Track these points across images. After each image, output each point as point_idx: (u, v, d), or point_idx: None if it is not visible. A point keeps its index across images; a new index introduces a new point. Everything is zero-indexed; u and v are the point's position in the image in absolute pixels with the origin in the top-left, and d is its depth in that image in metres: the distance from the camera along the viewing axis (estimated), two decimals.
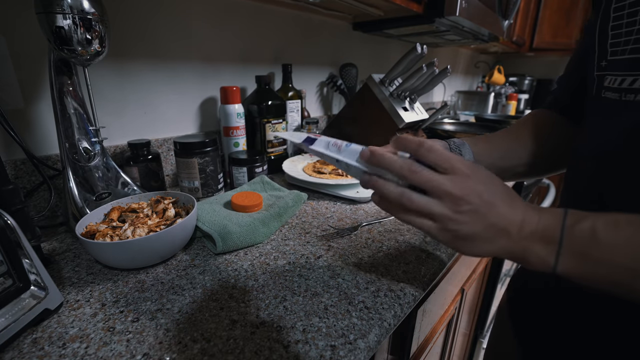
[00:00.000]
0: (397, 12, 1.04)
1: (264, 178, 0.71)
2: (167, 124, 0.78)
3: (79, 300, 0.39)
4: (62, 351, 0.31)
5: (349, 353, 0.32)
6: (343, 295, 0.39)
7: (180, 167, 0.66)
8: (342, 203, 0.68)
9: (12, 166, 0.56)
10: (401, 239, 0.53)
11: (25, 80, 0.55)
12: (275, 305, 0.38)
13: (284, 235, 0.54)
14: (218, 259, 0.47)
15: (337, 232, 0.55)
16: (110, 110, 0.68)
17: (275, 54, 0.99)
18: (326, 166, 0.77)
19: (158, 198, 0.52)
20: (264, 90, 0.83)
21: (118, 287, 0.41)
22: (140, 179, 0.65)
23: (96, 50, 0.49)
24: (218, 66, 0.85)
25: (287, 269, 0.45)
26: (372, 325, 0.35)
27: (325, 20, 1.12)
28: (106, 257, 0.42)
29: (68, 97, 0.52)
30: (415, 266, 0.46)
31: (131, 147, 0.64)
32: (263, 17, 0.92)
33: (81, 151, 0.54)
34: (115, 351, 0.31)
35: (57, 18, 0.44)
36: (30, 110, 0.57)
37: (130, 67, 0.69)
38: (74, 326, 0.35)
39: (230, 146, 0.80)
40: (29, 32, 0.55)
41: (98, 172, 0.56)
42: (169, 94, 0.76)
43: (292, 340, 0.33)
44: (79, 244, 0.51)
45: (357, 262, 0.46)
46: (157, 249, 0.43)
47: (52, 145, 0.60)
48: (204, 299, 0.39)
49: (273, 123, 0.83)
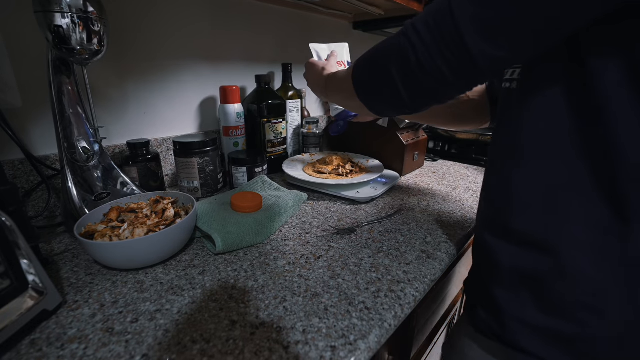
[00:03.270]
0: (398, 11, 1.04)
1: (264, 178, 0.71)
2: (167, 124, 0.77)
3: (78, 300, 0.38)
4: (60, 352, 0.31)
5: (349, 354, 0.31)
6: (343, 296, 0.39)
7: (180, 167, 0.66)
8: (342, 203, 0.67)
9: (10, 166, 0.55)
10: (401, 239, 0.53)
11: (23, 80, 0.55)
12: (275, 305, 0.38)
13: (284, 235, 0.54)
14: (218, 259, 0.47)
15: (337, 232, 0.55)
16: (109, 110, 0.67)
17: (275, 53, 0.99)
18: (326, 166, 0.77)
19: (157, 198, 0.51)
20: (263, 89, 0.83)
21: (117, 287, 0.41)
22: (139, 179, 0.65)
23: (95, 50, 0.48)
24: (218, 65, 0.84)
25: (287, 270, 0.44)
26: (373, 326, 0.35)
27: (326, 19, 1.12)
28: (105, 258, 0.42)
29: (67, 96, 0.51)
30: (416, 266, 0.46)
31: (130, 147, 0.64)
32: (263, 16, 0.92)
33: (80, 151, 0.53)
34: (114, 352, 0.31)
35: (56, 17, 0.43)
36: (28, 109, 0.57)
37: (130, 67, 0.68)
38: (72, 327, 0.34)
39: (230, 146, 0.80)
40: (28, 31, 0.54)
41: (97, 172, 0.56)
42: (169, 93, 0.76)
43: (292, 341, 0.33)
44: (78, 245, 0.51)
45: (358, 263, 0.46)
46: (156, 249, 0.43)
47: (51, 145, 0.59)
48: (204, 300, 0.38)
49: (273, 123, 0.83)
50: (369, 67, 0.39)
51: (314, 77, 0.55)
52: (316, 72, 0.55)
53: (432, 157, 1.03)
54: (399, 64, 0.35)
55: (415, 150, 0.86)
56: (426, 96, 0.36)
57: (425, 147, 0.91)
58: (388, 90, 0.37)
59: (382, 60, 0.37)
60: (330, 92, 0.50)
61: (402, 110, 0.40)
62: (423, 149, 0.91)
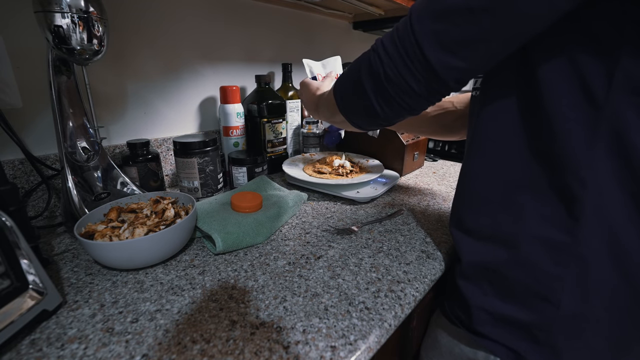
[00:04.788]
0: (398, 11, 1.04)
1: (264, 178, 0.71)
2: (167, 124, 0.77)
3: (78, 300, 0.38)
4: (60, 352, 0.31)
5: (349, 354, 0.31)
6: (343, 296, 0.39)
7: (180, 167, 0.66)
8: (342, 203, 0.67)
9: (10, 166, 0.55)
10: (402, 239, 0.53)
11: (23, 80, 0.55)
12: (275, 305, 0.38)
13: (284, 235, 0.54)
14: (218, 259, 0.47)
15: (337, 232, 0.55)
16: (109, 110, 0.67)
17: (275, 54, 0.99)
18: (326, 166, 0.77)
19: (157, 198, 0.51)
20: (263, 89, 0.83)
21: (117, 287, 0.41)
22: (139, 179, 0.65)
23: (95, 50, 0.48)
24: (218, 65, 0.84)
25: (287, 269, 0.44)
26: (373, 326, 0.35)
27: (326, 19, 1.12)
28: (105, 258, 0.42)
29: (67, 96, 0.51)
30: (416, 266, 0.46)
31: (130, 147, 0.64)
32: (263, 16, 0.92)
33: (80, 151, 0.53)
34: (114, 352, 0.31)
35: (56, 17, 0.43)
36: (28, 109, 0.57)
37: (130, 67, 0.68)
38: (72, 327, 0.34)
39: (230, 146, 0.80)
40: (28, 31, 0.54)
41: (97, 172, 0.56)
42: (169, 93, 0.76)
43: (292, 341, 0.33)
44: (78, 245, 0.51)
45: (358, 263, 0.46)
46: (156, 249, 0.43)
47: (51, 145, 0.59)
48: (204, 300, 0.38)
49: (273, 123, 0.83)
50: (347, 83, 0.42)
51: (306, 96, 0.57)
52: (309, 92, 0.56)
53: (432, 157, 1.03)
54: (371, 79, 0.37)
55: (415, 150, 0.86)
56: (398, 108, 0.38)
57: (425, 147, 0.91)
58: (362, 103, 0.39)
59: (356, 76, 0.39)
60: (320, 109, 0.52)
61: (378, 122, 0.42)
62: (423, 149, 0.91)
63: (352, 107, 0.43)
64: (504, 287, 0.37)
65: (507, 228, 0.37)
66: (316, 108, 0.54)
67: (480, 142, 0.39)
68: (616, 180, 0.30)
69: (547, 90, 0.31)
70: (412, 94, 0.35)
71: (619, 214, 0.30)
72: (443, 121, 0.58)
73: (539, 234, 0.34)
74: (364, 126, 0.45)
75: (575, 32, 0.29)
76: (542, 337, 0.35)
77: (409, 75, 0.33)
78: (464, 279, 0.42)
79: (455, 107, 0.57)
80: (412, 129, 0.64)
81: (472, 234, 0.41)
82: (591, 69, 0.29)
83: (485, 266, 0.39)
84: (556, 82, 0.30)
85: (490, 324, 0.39)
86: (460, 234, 0.42)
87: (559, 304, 0.34)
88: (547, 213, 0.33)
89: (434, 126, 0.60)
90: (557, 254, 0.33)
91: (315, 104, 0.53)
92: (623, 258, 0.31)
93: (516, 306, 0.36)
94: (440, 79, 0.32)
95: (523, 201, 0.35)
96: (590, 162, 0.30)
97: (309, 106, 0.57)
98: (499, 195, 0.37)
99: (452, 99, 0.58)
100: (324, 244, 0.51)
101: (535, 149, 0.33)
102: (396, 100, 0.36)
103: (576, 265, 0.32)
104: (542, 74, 0.31)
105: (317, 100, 0.53)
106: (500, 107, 0.36)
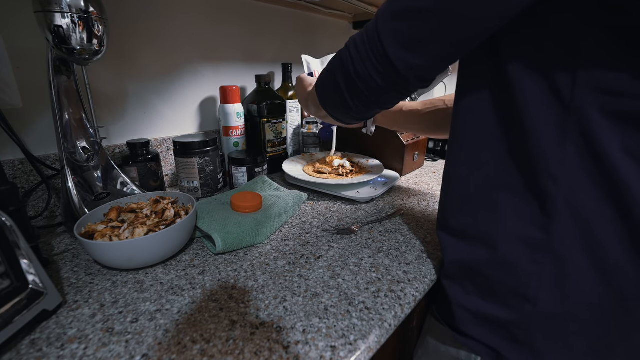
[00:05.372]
0: None
1: (264, 178, 0.71)
2: (167, 124, 0.77)
3: (78, 300, 0.38)
4: (60, 352, 0.31)
5: (349, 354, 0.31)
6: (343, 296, 0.39)
7: (180, 167, 0.66)
8: (342, 203, 0.67)
9: (10, 166, 0.55)
10: (402, 239, 0.53)
11: (23, 80, 0.55)
12: (275, 305, 0.38)
13: (284, 235, 0.54)
14: (218, 259, 0.47)
15: (337, 232, 0.55)
16: (109, 110, 0.67)
17: (275, 54, 0.99)
18: (326, 166, 0.77)
19: (157, 198, 0.51)
20: (263, 89, 0.83)
21: (117, 287, 0.41)
22: (139, 179, 0.65)
23: (95, 50, 0.48)
24: (218, 65, 0.84)
25: (287, 269, 0.44)
26: (373, 326, 0.35)
27: (326, 19, 1.12)
28: (105, 258, 0.42)
29: (67, 96, 0.51)
30: (416, 266, 0.46)
31: (130, 147, 0.64)
32: (263, 16, 0.92)
33: (80, 151, 0.53)
34: (114, 352, 0.31)
35: (56, 17, 0.43)
36: (28, 109, 0.57)
37: (130, 67, 0.68)
38: (72, 327, 0.34)
39: (230, 146, 0.80)
40: (28, 31, 0.54)
41: (97, 171, 0.56)
42: (169, 93, 0.76)
43: (292, 341, 0.33)
44: (78, 245, 0.51)
45: (358, 263, 0.46)
46: (156, 249, 0.43)
47: (51, 145, 0.59)
48: (204, 300, 0.38)
49: (273, 123, 0.83)
50: (325, 79, 0.44)
51: (300, 92, 0.59)
52: (302, 87, 0.57)
53: (432, 157, 1.03)
54: (343, 74, 0.39)
55: (415, 150, 0.86)
56: (368, 102, 0.39)
57: (425, 147, 0.91)
58: (338, 98, 0.41)
59: (332, 71, 0.41)
60: (309, 104, 0.53)
61: (352, 116, 0.43)
62: (423, 149, 0.91)
63: (330, 102, 0.44)
64: (485, 286, 0.38)
65: (486, 227, 0.37)
66: (306, 104, 0.55)
67: (458, 141, 0.39)
68: (587, 177, 0.30)
69: (517, 89, 0.31)
70: (378, 89, 0.37)
71: (591, 209, 0.30)
72: (435, 119, 0.59)
73: (516, 232, 0.34)
74: (344, 120, 0.47)
75: (536, 26, 0.29)
76: (521, 336, 0.35)
77: (374, 71, 0.35)
78: (447, 278, 0.42)
79: (447, 105, 0.57)
80: (404, 126, 0.64)
81: (455, 234, 0.41)
82: (556, 68, 0.29)
83: (468, 265, 0.39)
84: (525, 81, 0.30)
85: (472, 323, 0.39)
86: (444, 235, 0.43)
87: (536, 302, 0.34)
88: (522, 211, 0.34)
89: (426, 123, 0.60)
90: (534, 251, 0.33)
91: (306, 100, 0.55)
92: (599, 255, 0.30)
93: (497, 305, 0.37)
94: (401, 75, 0.34)
95: (500, 199, 0.35)
96: (562, 159, 0.30)
97: (302, 101, 0.58)
98: (477, 194, 0.37)
99: (444, 97, 0.58)
100: (324, 244, 0.51)
101: (509, 147, 0.34)
102: (365, 94, 0.38)
103: (552, 263, 0.32)
104: (512, 72, 0.31)
105: (307, 96, 0.54)
106: (475, 104, 0.36)
